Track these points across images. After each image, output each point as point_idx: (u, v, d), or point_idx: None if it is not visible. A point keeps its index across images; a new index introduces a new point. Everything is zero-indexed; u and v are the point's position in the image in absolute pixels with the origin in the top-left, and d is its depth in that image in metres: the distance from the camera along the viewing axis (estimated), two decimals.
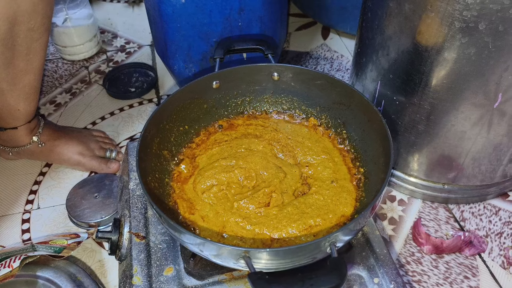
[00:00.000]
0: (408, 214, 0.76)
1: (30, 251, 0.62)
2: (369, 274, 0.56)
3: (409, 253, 0.70)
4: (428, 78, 0.61)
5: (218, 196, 0.58)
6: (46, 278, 0.62)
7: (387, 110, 0.70)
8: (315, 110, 0.69)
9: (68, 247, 0.64)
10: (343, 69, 1.05)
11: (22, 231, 0.74)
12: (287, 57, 1.09)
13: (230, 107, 0.70)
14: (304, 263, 0.47)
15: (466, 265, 0.69)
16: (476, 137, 0.65)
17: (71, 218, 0.75)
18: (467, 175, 0.72)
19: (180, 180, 0.62)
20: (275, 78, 0.68)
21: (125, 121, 0.94)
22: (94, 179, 0.79)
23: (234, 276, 0.56)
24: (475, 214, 0.76)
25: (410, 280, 0.67)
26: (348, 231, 0.48)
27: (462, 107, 0.62)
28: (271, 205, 0.57)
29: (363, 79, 0.74)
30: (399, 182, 0.77)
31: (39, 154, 0.81)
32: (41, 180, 0.82)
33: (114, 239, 0.61)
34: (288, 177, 0.61)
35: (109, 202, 0.75)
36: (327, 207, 0.56)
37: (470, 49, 0.56)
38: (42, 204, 0.78)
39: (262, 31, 0.84)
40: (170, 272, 0.56)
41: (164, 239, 0.60)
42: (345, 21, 1.10)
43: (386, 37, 0.64)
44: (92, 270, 0.68)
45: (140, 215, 0.63)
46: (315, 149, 0.64)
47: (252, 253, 0.44)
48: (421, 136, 0.68)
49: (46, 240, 0.67)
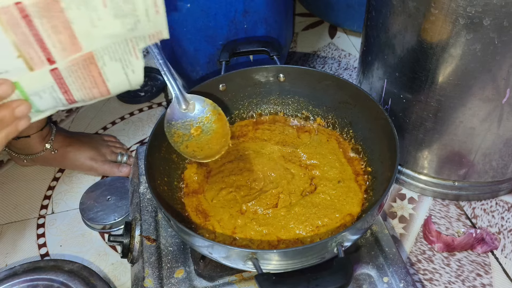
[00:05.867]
0: (419, 212, 0.75)
1: None
2: (378, 273, 0.56)
3: (420, 251, 0.70)
4: (434, 75, 0.61)
5: (227, 199, 0.59)
6: (61, 281, 0.63)
7: (394, 108, 0.70)
8: (321, 110, 0.69)
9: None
10: (350, 68, 1.05)
11: (37, 236, 0.76)
12: (295, 57, 1.09)
13: (237, 109, 0.71)
14: (312, 263, 0.48)
15: (479, 263, 0.68)
16: (486, 133, 0.65)
17: (84, 221, 0.76)
18: (478, 172, 0.71)
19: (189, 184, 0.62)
20: (281, 80, 0.68)
21: (135, 125, 0.95)
22: (106, 182, 0.81)
23: (244, 277, 0.57)
24: (487, 211, 0.75)
25: (421, 279, 0.66)
26: (355, 230, 0.48)
27: (469, 103, 0.61)
28: (279, 206, 0.58)
29: (369, 77, 0.74)
30: (409, 180, 0.77)
31: (52, 160, 0.83)
32: (54, 186, 0.84)
33: (125, 242, 0.62)
34: (295, 178, 0.61)
35: (121, 204, 0.76)
36: (334, 207, 0.57)
37: (475, 45, 0.55)
38: (56, 208, 0.80)
39: (267, 32, 0.84)
40: (180, 274, 0.57)
41: (174, 241, 0.61)
42: (352, 19, 1.09)
43: (391, 35, 0.64)
44: (105, 274, 0.69)
45: (151, 218, 0.64)
46: (322, 149, 0.64)
47: (260, 255, 0.45)
48: (429, 134, 0.68)
49: None
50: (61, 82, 0.41)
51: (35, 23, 0.37)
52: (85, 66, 0.42)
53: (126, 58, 0.44)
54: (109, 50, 0.43)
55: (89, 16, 0.39)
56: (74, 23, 0.39)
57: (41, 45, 0.38)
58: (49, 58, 0.39)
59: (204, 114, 0.57)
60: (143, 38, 0.44)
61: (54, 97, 0.41)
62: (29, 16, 0.37)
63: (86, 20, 0.39)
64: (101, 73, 0.43)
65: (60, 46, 0.39)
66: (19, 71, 0.38)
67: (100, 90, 0.44)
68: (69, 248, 0.73)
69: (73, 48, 0.40)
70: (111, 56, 0.43)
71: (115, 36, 0.42)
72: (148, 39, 0.44)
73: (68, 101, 0.43)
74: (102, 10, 0.39)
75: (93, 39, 0.41)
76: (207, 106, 0.58)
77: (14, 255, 0.73)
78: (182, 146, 0.57)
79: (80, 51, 0.41)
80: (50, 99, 0.41)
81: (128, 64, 0.45)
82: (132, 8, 0.41)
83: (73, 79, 0.42)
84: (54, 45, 0.39)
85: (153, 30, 0.44)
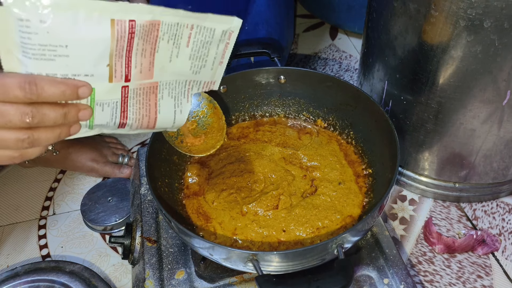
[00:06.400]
0: (419, 213, 0.75)
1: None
2: (379, 275, 0.56)
3: (420, 253, 0.70)
4: (435, 77, 0.61)
5: (228, 200, 0.59)
6: (62, 282, 0.63)
7: (394, 109, 0.70)
8: (322, 112, 0.69)
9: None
10: (351, 69, 1.05)
11: (38, 237, 0.76)
12: (296, 59, 1.09)
13: (237, 111, 0.71)
14: (313, 265, 0.48)
15: (479, 264, 0.68)
16: (487, 134, 0.65)
17: (86, 222, 0.76)
18: (479, 173, 0.71)
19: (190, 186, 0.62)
20: (282, 81, 0.68)
21: None
22: (107, 184, 0.81)
23: (244, 279, 0.57)
24: (488, 213, 0.75)
25: (422, 280, 0.66)
26: (355, 232, 0.48)
27: (470, 105, 0.61)
28: (279, 207, 0.58)
29: (370, 79, 0.74)
30: (410, 181, 0.77)
31: (54, 161, 0.83)
32: (56, 187, 0.84)
33: (126, 243, 0.62)
34: (296, 179, 0.61)
35: (122, 205, 0.76)
36: (335, 208, 0.57)
37: (476, 47, 0.55)
38: (57, 210, 0.80)
39: (268, 34, 0.84)
40: (181, 275, 0.57)
41: (175, 243, 0.61)
42: (353, 20, 1.09)
43: (392, 37, 0.64)
44: (106, 275, 0.69)
45: (152, 220, 0.64)
46: (322, 151, 0.65)
47: (260, 256, 0.45)
48: (430, 135, 0.68)
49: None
50: (125, 101, 0.43)
51: (134, 41, 0.40)
52: (148, 93, 0.45)
53: (180, 98, 0.48)
54: (170, 86, 0.46)
55: (171, 51, 0.43)
56: (158, 53, 0.42)
57: (127, 62, 0.41)
58: (127, 76, 0.42)
59: (199, 108, 0.57)
60: (198, 84, 0.48)
61: (112, 113, 0.43)
62: (134, 34, 0.39)
63: (168, 53, 0.43)
64: (157, 104, 0.46)
65: (139, 68, 0.42)
66: (100, 78, 0.40)
67: (149, 121, 0.46)
68: (70, 249, 0.74)
69: (148, 74, 0.43)
70: (170, 92, 0.46)
71: (180, 75, 0.46)
72: (202, 86, 0.48)
73: (120, 122, 0.44)
74: (184, 48, 0.43)
75: (164, 72, 0.44)
76: (202, 100, 0.57)
77: (16, 256, 0.73)
78: (177, 141, 0.57)
79: (151, 78, 0.44)
80: (108, 115, 0.43)
81: (179, 104, 0.48)
82: (205, 53, 0.45)
83: (134, 101, 0.44)
84: (136, 66, 0.41)
85: (210, 79, 0.48)
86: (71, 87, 0.38)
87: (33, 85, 0.36)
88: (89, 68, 0.39)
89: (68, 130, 0.41)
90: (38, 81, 0.36)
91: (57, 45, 0.36)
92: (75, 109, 0.40)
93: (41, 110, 0.37)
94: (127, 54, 0.40)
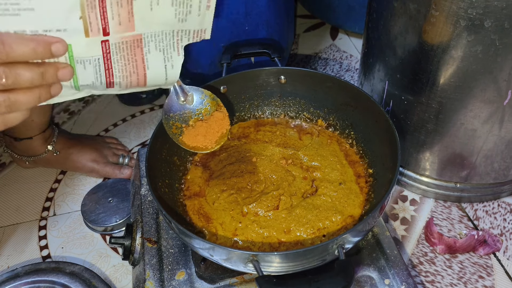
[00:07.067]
0: (420, 214, 0.75)
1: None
2: (379, 275, 0.56)
3: (422, 253, 0.69)
4: (435, 77, 0.61)
5: (228, 201, 0.59)
6: (62, 283, 0.63)
7: (395, 110, 0.70)
8: (322, 112, 0.69)
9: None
10: (352, 69, 1.05)
11: (39, 238, 0.76)
12: (296, 59, 1.09)
13: (238, 111, 0.71)
14: (313, 265, 0.48)
15: (481, 265, 0.68)
16: (487, 135, 0.64)
17: (86, 223, 0.76)
18: (480, 173, 0.71)
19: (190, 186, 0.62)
20: (282, 81, 0.68)
21: (137, 127, 0.95)
22: (108, 184, 0.81)
23: (245, 279, 0.56)
24: (489, 213, 0.75)
25: (423, 281, 0.66)
26: (356, 232, 0.48)
27: (471, 105, 0.61)
28: (280, 208, 0.58)
29: (371, 79, 0.74)
30: (411, 181, 0.77)
31: (54, 162, 0.83)
32: (56, 188, 0.84)
33: (127, 244, 0.62)
34: (297, 180, 0.61)
35: (123, 206, 0.76)
36: (335, 209, 0.57)
37: (476, 47, 0.55)
38: (58, 210, 0.80)
39: (269, 34, 0.84)
40: (181, 276, 0.57)
41: (176, 243, 0.61)
42: (353, 20, 1.09)
43: (392, 37, 0.64)
44: (106, 276, 0.69)
45: (152, 220, 0.64)
46: (323, 151, 0.64)
47: (260, 257, 0.45)
48: (431, 135, 0.68)
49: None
50: (107, 57, 0.40)
51: None
52: (132, 48, 0.42)
53: (169, 51, 0.44)
54: (156, 38, 0.43)
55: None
56: (136, 1, 0.39)
57: (103, 13, 0.38)
58: (105, 29, 0.39)
59: (202, 105, 0.56)
60: (188, 34, 0.44)
61: (96, 71, 0.40)
62: None
63: (147, 1, 0.39)
64: (144, 59, 0.43)
65: (117, 19, 0.39)
66: (75, 33, 0.37)
67: (138, 78, 0.44)
68: (70, 250, 0.73)
69: (128, 25, 0.40)
70: (157, 45, 0.43)
71: (165, 24, 0.42)
72: (192, 36, 0.44)
73: (106, 81, 0.42)
74: None
75: (146, 23, 0.41)
76: (206, 98, 0.57)
77: (16, 257, 0.73)
78: (180, 138, 0.57)
79: (132, 30, 0.41)
80: (92, 73, 0.40)
81: (169, 58, 0.45)
82: None
83: (119, 57, 0.41)
84: (113, 17, 0.39)
85: (199, 27, 0.44)
86: (42, 43, 0.35)
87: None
88: (60, 22, 0.36)
89: (48, 91, 0.38)
90: (5, 38, 0.34)
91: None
92: (53, 67, 0.37)
93: (14, 70, 0.35)
94: (100, 3, 0.37)
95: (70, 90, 0.40)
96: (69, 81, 0.40)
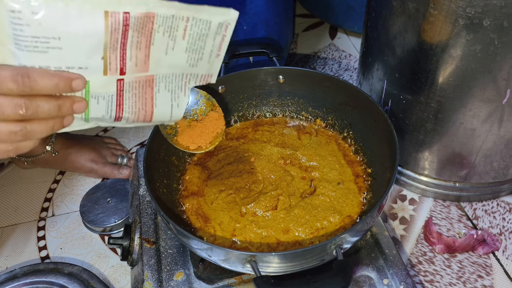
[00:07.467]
0: (419, 213, 0.75)
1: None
2: (378, 275, 0.56)
3: (421, 253, 0.69)
4: (434, 76, 0.61)
5: (227, 201, 0.59)
6: (61, 284, 0.63)
7: (394, 109, 0.70)
8: (321, 112, 0.69)
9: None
10: (351, 69, 1.04)
11: (37, 238, 0.76)
12: (295, 59, 1.09)
13: (236, 111, 0.71)
14: (312, 266, 0.48)
15: (480, 264, 0.68)
16: (487, 134, 0.64)
17: (85, 223, 0.76)
18: (479, 173, 0.71)
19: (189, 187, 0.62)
20: (281, 81, 0.68)
21: (135, 127, 0.95)
22: (106, 185, 0.80)
23: (243, 280, 0.56)
24: (488, 212, 0.74)
25: (422, 280, 0.66)
26: (354, 232, 0.48)
27: (470, 104, 0.61)
28: (278, 208, 0.58)
29: (369, 78, 0.74)
30: (410, 181, 0.77)
31: (53, 162, 0.83)
32: (55, 188, 0.84)
33: (125, 245, 0.62)
34: (295, 180, 0.61)
35: (121, 206, 0.76)
36: (334, 209, 0.56)
37: (475, 46, 0.55)
38: (57, 211, 0.80)
39: (267, 34, 0.84)
40: (180, 276, 0.57)
41: (174, 244, 0.61)
42: (352, 20, 1.09)
43: (391, 36, 0.64)
44: (105, 276, 0.69)
45: (150, 221, 0.64)
46: (321, 151, 0.64)
47: (258, 257, 0.45)
48: (430, 135, 0.68)
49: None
50: (120, 94, 0.43)
51: (129, 34, 0.39)
52: (144, 87, 0.44)
53: (177, 91, 0.47)
54: (167, 79, 0.46)
55: (167, 43, 0.42)
56: (154, 46, 0.42)
57: (122, 54, 0.40)
58: (122, 69, 0.41)
59: (197, 106, 0.57)
60: (196, 78, 0.47)
61: (108, 106, 0.43)
62: (128, 26, 0.39)
63: (164, 46, 0.42)
64: (153, 97, 0.46)
65: (135, 61, 0.42)
66: (95, 71, 0.40)
67: (145, 114, 0.46)
68: (69, 250, 0.73)
69: (143, 67, 0.43)
70: (166, 86, 0.46)
71: (177, 67, 0.45)
72: (199, 80, 0.48)
73: (116, 115, 0.44)
74: (180, 41, 0.43)
75: (160, 65, 0.44)
76: (201, 98, 0.57)
77: (15, 258, 0.73)
78: (175, 138, 0.57)
79: (147, 71, 0.43)
80: (104, 108, 0.43)
81: (176, 98, 0.48)
82: (202, 46, 0.44)
83: (130, 95, 0.44)
84: (131, 58, 0.41)
85: (207, 72, 0.48)
86: (65, 79, 0.38)
87: (25, 77, 0.36)
88: (83, 61, 0.38)
89: (61, 122, 0.40)
90: (31, 73, 0.36)
91: (50, 37, 0.36)
92: (69, 101, 0.39)
93: (34, 102, 0.37)
94: (121, 46, 0.40)
95: (80, 121, 0.42)
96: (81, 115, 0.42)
